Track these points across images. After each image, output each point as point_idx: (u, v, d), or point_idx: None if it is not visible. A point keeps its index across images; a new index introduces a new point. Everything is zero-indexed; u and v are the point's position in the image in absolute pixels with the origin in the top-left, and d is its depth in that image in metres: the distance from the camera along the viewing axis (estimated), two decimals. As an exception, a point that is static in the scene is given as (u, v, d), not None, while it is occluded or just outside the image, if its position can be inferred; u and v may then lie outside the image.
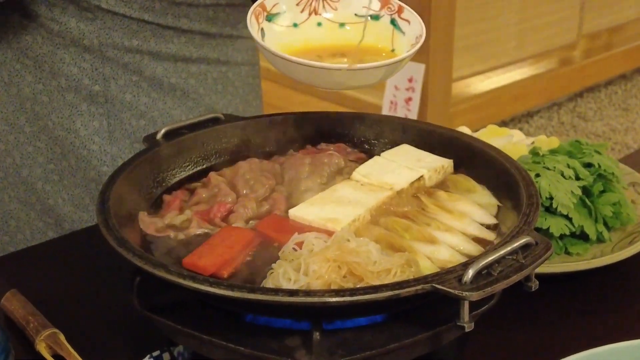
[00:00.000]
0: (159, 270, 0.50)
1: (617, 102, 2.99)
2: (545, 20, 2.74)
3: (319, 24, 0.68)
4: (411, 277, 0.53)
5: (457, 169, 0.71)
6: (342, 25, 0.68)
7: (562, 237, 0.73)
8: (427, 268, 0.56)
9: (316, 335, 0.50)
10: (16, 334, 0.66)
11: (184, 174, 0.71)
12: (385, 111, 1.62)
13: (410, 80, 1.59)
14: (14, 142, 0.88)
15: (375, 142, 0.76)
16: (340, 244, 0.55)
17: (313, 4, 0.68)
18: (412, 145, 0.72)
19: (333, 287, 0.51)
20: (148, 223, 0.61)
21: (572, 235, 0.74)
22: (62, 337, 0.63)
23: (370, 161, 0.70)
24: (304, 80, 0.65)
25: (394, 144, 0.74)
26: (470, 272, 0.47)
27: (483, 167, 0.70)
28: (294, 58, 0.60)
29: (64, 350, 0.61)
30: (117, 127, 0.89)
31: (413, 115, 1.79)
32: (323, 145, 0.76)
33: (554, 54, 2.87)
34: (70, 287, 0.76)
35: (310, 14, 0.68)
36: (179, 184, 0.70)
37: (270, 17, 0.66)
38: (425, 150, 0.72)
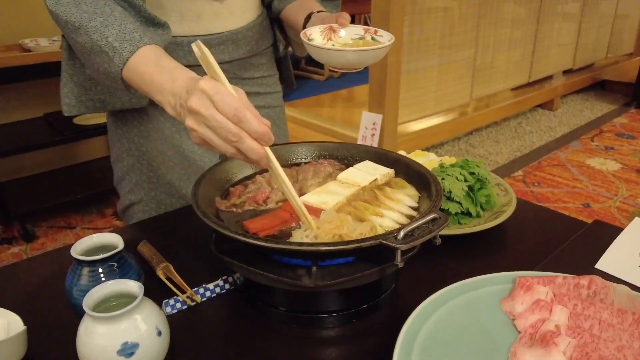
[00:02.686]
0: (224, 230, 0.60)
1: (492, 137, 3.69)
2: (451, 90, 3.36)
3: (333, 44, 0.90)
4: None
5: (396, 175, 0.81)
6: (344, 44, 0.90)
7: (456, 214, 0.86)
8: (379, 231, 0.65)
9: (314, 268, 0.60)
10: (145, 266, 0.76)
11: (242, 175, 0.83)
12: (359, 141, 2.20)
13: (374, 124, 2.32)
14: None
15: (351, 159, 0.88)
16: (336, 221, 0.63)
17: (329, 34, 0.91)
18: (371, 161, 0.84)
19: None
20: (220, 203, 0.71)
21: (462, 213, 0.87)
22: (171, 267, 0.73)
23: (349, 169, 0.80)
24: (329, 61, 0.83)
25: (361, 160, 0.85)
26: (402, 233, 0.57)
27: (411, 174, 0.79)
28: (325, 45, 0.85)
29: (172, 275, 0.72)
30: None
31: (375, 143, 2.36)
32: (321, 160, 0.87)
33: (456, 109, 3.55)
34: (177, 239, 0.87)
35: (328, 40, 0.91)
36: (239, 182, 0.80)
37: (309, 40, 0.87)
38: (379, 164, 0.83)
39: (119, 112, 0.96)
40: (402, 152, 1.05)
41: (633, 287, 0.70)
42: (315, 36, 0.90)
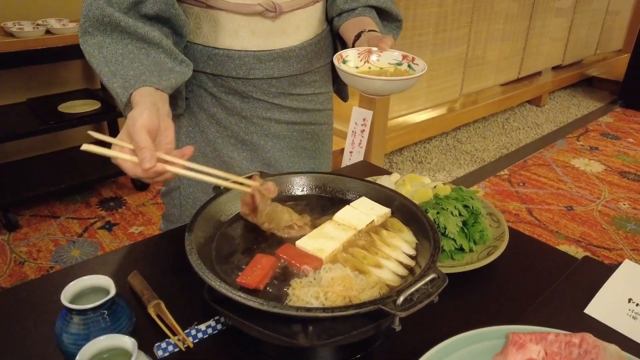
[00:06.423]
0: (222, 288, 0.61)
1: (479, 133, 3.71)
2: (441, 86, 3.36)
3: (369, 67, 0.90)
4: (376, 294, 0.61)
5: (392, 214, 0.79)
6: (381, 68, 0.90)
7: (449, 250, 0.86)
8: (378, 283, 0.64)
9: (310, 328, 0.59)
10: (136, 300, 0.75)
11: (235, 211, 0.81)
12: (349, 136, 2.10)
13: (364, 120, 2.22)
14: None
15: (348, 192, 0.87)
16: (345, 281, 0.62)
17: (367, 56, 0.91)
18: (367, 197, 0.82)
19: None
20: None
21: (455, 249, 0.87)
22: (162, 305, 0.72)
23: (345, 208, 0.78)
24: (357, 86, 0.84)
25: (358, 195, 0.85)
26: (401, 299, 0.56)
27: (408, 215, 0.77)
28: (356, 73, 0.83)
29: (164, 314, 0.72)
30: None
31: (365, 138, 2.31)
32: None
33: (445, 104, 3.53)
34: (167, 265, 0.85)
35: (364, 62, 0.91)
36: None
37: (344, 61, 0.89)
38: (375, 201, 0.81)
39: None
40: (395, 176, 1.05)
41: (622, 337, 0.73)
42: (352, 58, 0.91)
